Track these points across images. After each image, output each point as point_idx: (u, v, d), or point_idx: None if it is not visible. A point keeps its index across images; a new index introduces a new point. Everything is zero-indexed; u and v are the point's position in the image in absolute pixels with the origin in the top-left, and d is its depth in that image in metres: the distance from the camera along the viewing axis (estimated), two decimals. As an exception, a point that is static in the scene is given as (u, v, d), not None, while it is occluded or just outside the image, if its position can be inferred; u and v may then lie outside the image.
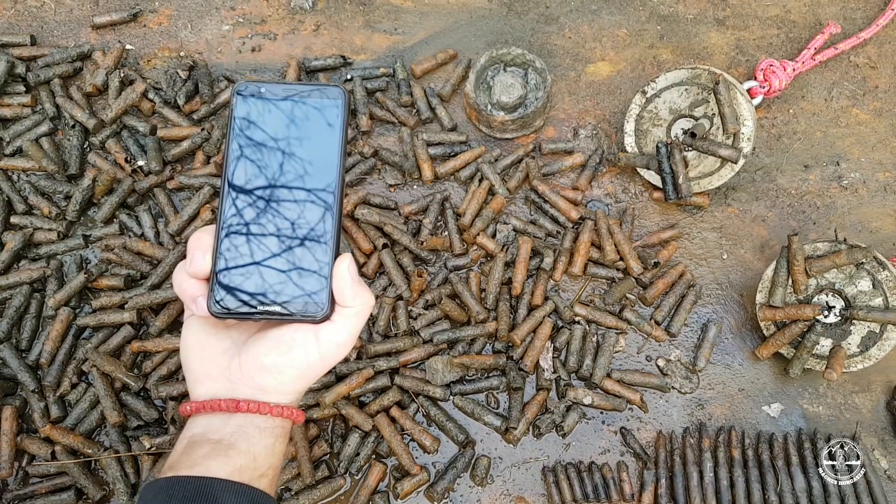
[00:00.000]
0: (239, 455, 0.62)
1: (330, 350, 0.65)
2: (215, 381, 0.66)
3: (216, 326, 0.68)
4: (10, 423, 0.96)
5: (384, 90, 1.15)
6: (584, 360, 1.03)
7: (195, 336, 0.68)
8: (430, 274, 1.08)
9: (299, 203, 0.65)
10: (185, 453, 0.63)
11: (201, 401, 0.66)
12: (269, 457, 0.65)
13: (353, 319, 0.66)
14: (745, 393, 1.05)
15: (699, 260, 1.10)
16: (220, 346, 0.67)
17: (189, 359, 0.68)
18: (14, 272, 1.03)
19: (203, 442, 0.63)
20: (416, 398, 1.02)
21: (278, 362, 0.64)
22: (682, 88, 1.08)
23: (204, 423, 0.65)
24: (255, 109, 0.66)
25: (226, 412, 0.64)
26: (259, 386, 0.65)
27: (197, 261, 0.64)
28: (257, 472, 0.63)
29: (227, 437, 0.63)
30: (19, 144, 1.09)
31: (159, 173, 1.08)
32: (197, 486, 0.60)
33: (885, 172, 1.14)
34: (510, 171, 1.12)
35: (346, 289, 0.64)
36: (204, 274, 0.65)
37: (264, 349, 0.64)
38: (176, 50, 1.17)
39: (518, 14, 1.20)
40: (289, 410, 0.66)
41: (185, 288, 0.65)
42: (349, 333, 0.66)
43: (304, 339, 0.64)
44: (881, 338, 0.98)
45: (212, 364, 0.66)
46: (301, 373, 0.65)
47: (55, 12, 1.18)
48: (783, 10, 1.20)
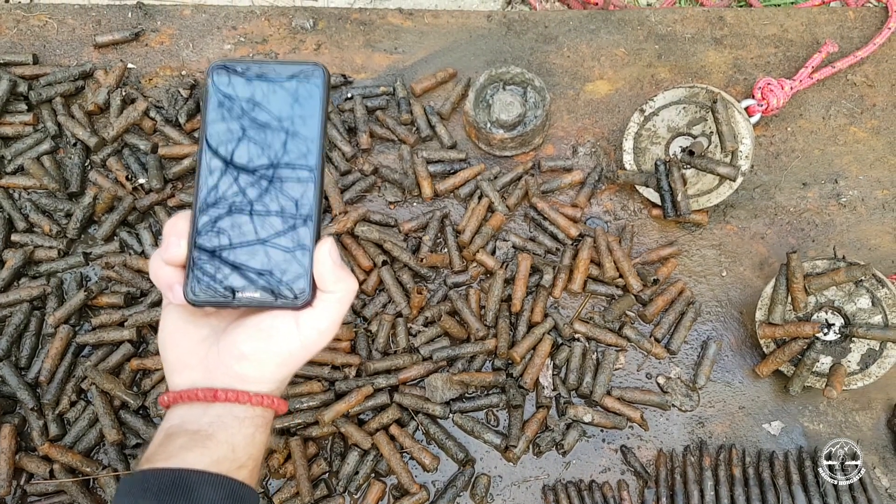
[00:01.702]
0: (217, 446, 0.60)
1: (311, 337, 0.62)
2: (193, 370, 0.64)
3: (194, 315, 0.65)
4: (9, 441, 0.95)
5: (384, 108, 1.16)
6: (584, 377, 1.03)
7: (173, 324, 0.65)
8: (430, 291, 1.08)
9: (279, 186, 0.62)
10: (161, 445, 0.61)
11: (178, 391, 0.63)
12: (249, 447, 0.63)
13: (335, 305, 0.63)
14: (745, 411, 1.05)
15: (698, 277, 1.11)
16: (198, 334, 0.64)
17: (166, 348, 0.65)
18: (14, 290, 1.03)
19: (180, 433, 0.61)
20: (415, 416, 1.02)
21: (258, 349, 0.62)
22: (680, 107, 1.08)
23: (181, 413, 0.63)
24: (232, 90, 0.63)
25: (203, 402, 0.62)
26: (238, 375, 0.62)
27: (172, 247, 0.62)
28: (236, 463, 0.61)
29: (205, 427, 0.61)
30: (21, 163, 1.09)
31: (160, 191, 1.09)
32: (173, 478, 0.58)
33: (884, 190, 1.15)
34: (509, 189, 1.13)
35: (328, 273, 0.61)
36: (180, 260, 0.62)
37: (243, 337, 0.62)
38: (177, 69, 1.18)
39: (517, 33, 1.21)
40: (269, 399, 0.64)
41: (160, 275, 0.63)
42: (331, 320, 0.63)
43: (284, 326, 0.62)
44: (881, 355, 0.98)
45: (189, 353, 0.64)
46: (282, 360, 0.63)
47: (58, 31, 1.19)
48: (781, 29, 1.21)
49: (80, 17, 1.20)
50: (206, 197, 0.62)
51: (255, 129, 0.63)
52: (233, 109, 0.63)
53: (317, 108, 0.63)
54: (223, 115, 0.63)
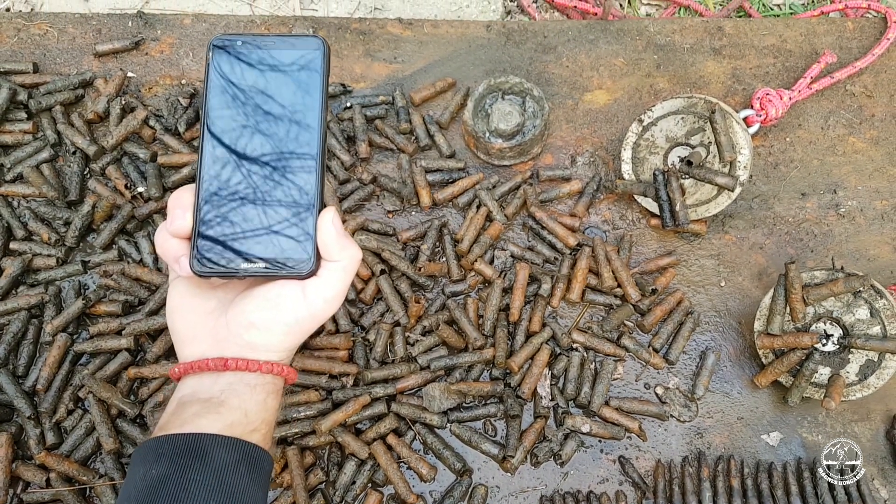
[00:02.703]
0: (230, 411, 0.61)
1: (318, 305, 0.63)
2: (203, 341, 0.65)
3: (201, 287, 0.66)
4: (6, 450, 0.95)
5: (383, 117, 1.16)
6: (582, 387, 1.03)
7: (181, 298, 0.66)
8: (428, 300, 1.08)
9: (281, 157, 0.63)
10: (174, 414, 0.62)
11: (189, 362, 0.64)
12: (262, 412, 0.64)
13: (341, 274, 0.64)
14: (744, 421, 1.04)
15: (697, 287, 1.11)
16: (206, 306, 0.66)
17: (175, 321, 0.66)
18: (12, 298, 1.04)
19: (192, 402, 0.62)
20: (412, 425, 1.01)
21: (266, 318, 0.63)
22: (678, 117, 1.09)
23: (193, 383, 0.64)
24: (233, 63, 0.64)
25: (214, 371, 0.63)
26: (247, 343, 0.63)
27: (177, 219, 0.63)
28: (249, 426, 0.62)
29: (217, 395, 0.62)
30: (20, 171, 1.09)
31: (159, 200, 1.09)
32: (186, 442, 0.59)
33: (883, 200, 1.15)
34: (508, 198, 1.13)
35: (332, 242, 0.62)
36: (185, 232, 0.63)
37: (251, 307, 0.63)
38: (177, 78, 1.18)
39: (516, 43, 1.21)
40: (279, 367, 0.65)
41: (167, 248, 0.64)
42: (337, 288, 0.64)
43: (291, 295, 0.63)
44: (879, 366, 0.98)
45: (199, 325, 0.65)
46: (289, 328, 0.64)
47: (58, 40, 1.19)
48: (779, 40, 1.22)
49: (81, 25, 1.20)
50: (210, 168, 0.63)
51: (256, 99, 0.64)
52: (233, 82, 0.64)
53: (317, 80, 0.64)
54: (224, 89, 0.64)
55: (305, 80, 0.64)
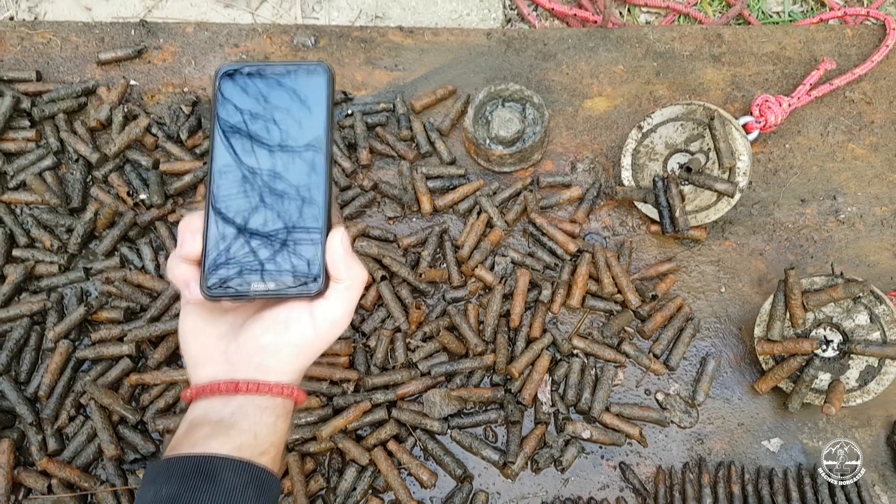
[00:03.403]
0: (240, 434, 0.62)
1: (325, 326, 0.64)
2: (215, 364, 0.66)
3: (212, 312, 0.68)
4: (8, 456, 0.95)
5: (384, 125, 1.17)
6: (582, 393, 1.03)
7: (192, 322, 0.68)
8: (429, 306, 1.08)
9: (289, 181, 0.64)
10: (185, 435, 0.63)
11: (201, 385, 0.65)
12: (271, 435, 0.65)
13: (346, 294, 0.65)
14: (744, 427, 1.04)
15: (697, 293, 1.11)
16: (217, 330, 0.67)
17: (188, 344, 0.68)
18: (15, 304, 1.04)
19: (203, 423, 0.63)
20: (413, 431, 1.01)
21: (275, 341, 0.64)
22: (677, 123, 1.09)
23: (204, 406, 0.65)
24: (240, 90, 0.66)
25: (226, 394, 0.64)
26: (258, 366, 0.65)
27: (187, 243, 0.64)
28: (258, 449, 0.63)
29: (228, 417, 0.63)
30: (23, 178, 1.10)
31: (161, 207, 1.09)
32: (196, 463, 0.60)
33: (882, 207, 1.15)
34: (508, 204, 1.13)
35: (340, 262, 0.64)
36: (195, 256, 0.64)
37: (261, 329, 0.64)
38: (179, 86, 1.19)
39: (516, 51, 1.22)
40: (289, 389, 0.66)
41: (177, 273, 0.65)
42: (344, 309, 0.65)
43: (299, 318, 0.64)
44: (879, 372, 0.98)
45: (211, 349, 0.66)
46: (298, 350, 0.65)
47: (61, 49, 1.20)
48: (778, 47, 1.22)
49: (84, 34, 1.21)
50: (219, 192, 0.64)
51: (263, 125, 0.65)
52: (241, 109, 0.65)
53: (323, 105, 0.65)
54: (232, 114, 0.65)
55: (311, 107, 0.66)
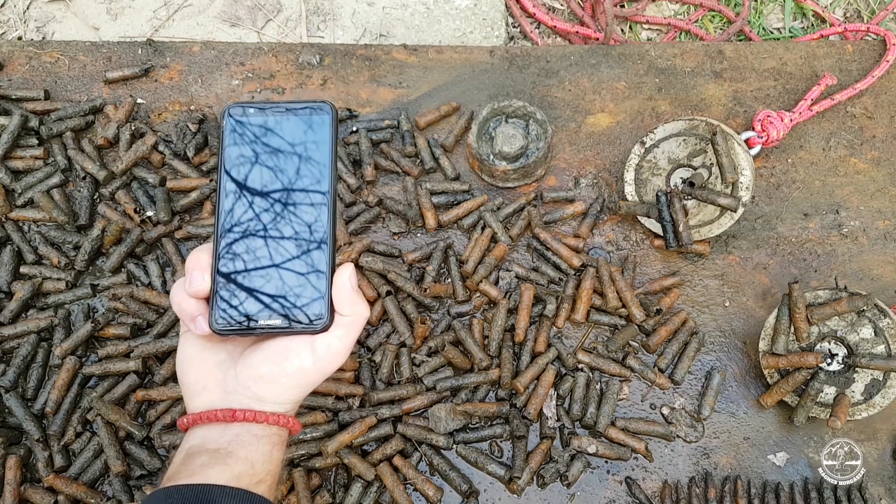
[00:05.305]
0: (237, 462, 0.63)
1: (325, 360, 0.66)
2: (212, 392, 0.67)
3: (211, 340, 0.69)
4: (15, 473, 0.96)
5: (389, 141, 1.18)
6: (587, 407, 1.03)
7: (191, 350, 0.68)
8: (434, 321, 1.08)
9: (295, 219, 0.66)
10: (183, 464, 0.63)
11: (198, 413, 0.66)
12: (267, 463, 0.66)
13: (348, 329, 0.66)
14: (750, 442, 1.04)
15: (701, 307, 1.11)
16: (215, 359, 0.68)
17: (185, 373, 0.68)
18: (22, 321, 1.04)
19: (201, 452, 0.63)
20: (419, 447, 1.02)
21: (273, 371, 0.65)
22: (680, 139, 1.10)
23: (201, 434, 0.65)
24: (247, 130, 0.67)
25: (222, 422, 0.65)
26: (255, 395, 0.65)
27: (196, 281, 0.65)
28: (255, 478, 0.64)
29: (225, 445, 0.64)
30: (31, 196, 1.11)
31: (168, 223, 1.10)
32: (195, 493, 0.60)
33: (885, 220, 1.15)
34: (512, 220, 1.14)
35: (346, 298, 0.65)
36: (204, 294, 0.66)
37: (260, 359, 0.65)
38: (186, 104, 1.20)
39: (519, 68, 1.23)
40: (285, 419, 0.67)
41: (184, 308, 0.66)
42: (344, 343, 0.66)
43: (299, 349, 0.65)
44: (885, 385, 0.98)
45: (208, 377, 0.67)
46: (296, 381, 0.66)
47: (69, 68, 1.22)
48: (780, 63, 1.23)
49: (92, 53, 1.22)
50: (228, 231, 0.65)
51: (269, 164, 0.67)
52: (247, 148, 0.67)
53: (327, 144, 0.67)
54: (239, 154, 0.67)
55: (315, 146, 0.67)
